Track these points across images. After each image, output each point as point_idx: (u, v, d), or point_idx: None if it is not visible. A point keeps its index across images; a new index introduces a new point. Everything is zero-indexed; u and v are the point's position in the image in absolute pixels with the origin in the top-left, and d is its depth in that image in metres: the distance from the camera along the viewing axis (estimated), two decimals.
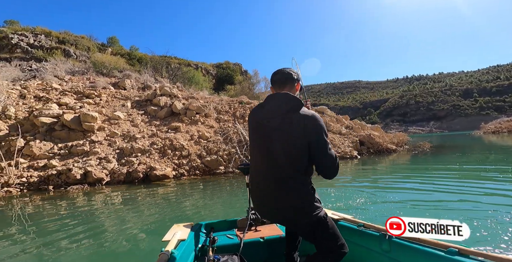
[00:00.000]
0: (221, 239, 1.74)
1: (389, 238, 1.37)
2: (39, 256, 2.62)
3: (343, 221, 1.76)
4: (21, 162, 6.53)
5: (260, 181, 1.21)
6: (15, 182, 5.81)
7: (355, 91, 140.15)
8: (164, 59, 17.62)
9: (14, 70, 12.71)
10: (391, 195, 4.35)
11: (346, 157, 11.47)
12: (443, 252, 1.15)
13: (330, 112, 16.95)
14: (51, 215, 4.09)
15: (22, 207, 4.79)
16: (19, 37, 16.09)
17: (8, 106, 8.75)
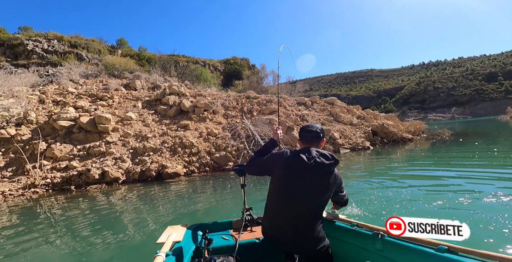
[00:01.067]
0: (217, 240, 1.74)
1: (382, 237, 1.42)
2: (65, 249, 2.96)
3: (337, 221, 1.79)
4: (44, 164, 7.04)
5: (282, 214, 1.42)
6: (40, 183, 6.32)
7: (368, 80, 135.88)
8: (172, 58, 17.91)
9: (33, 76, 13.44)
10: (400, 189, 4.31)
11: (358, 148, 11.32)
12: (434, 250, 1.19)
13: (340, 103, 16.67)
14: (75, 213, 4.45)
15: (49, 206, 5.22)
16: (34, 43, 16.86)
17: (29, 111, 9.35)
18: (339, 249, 1.64)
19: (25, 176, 6.59)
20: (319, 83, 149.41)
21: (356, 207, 3.50)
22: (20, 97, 10.50)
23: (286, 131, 10.85)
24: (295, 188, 1.41)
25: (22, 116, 9.09)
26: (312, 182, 1.41)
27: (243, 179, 2.07)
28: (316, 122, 13.02)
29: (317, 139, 1.57)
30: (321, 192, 1.43)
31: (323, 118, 13.64)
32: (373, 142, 12.57)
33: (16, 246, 3.11)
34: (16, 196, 5.87)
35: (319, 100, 16.02)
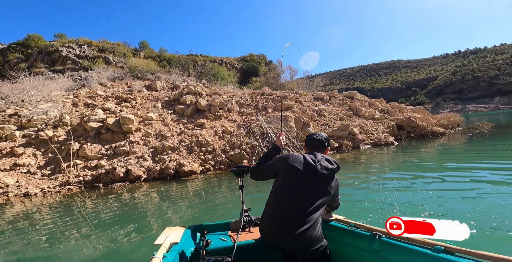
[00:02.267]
0: (215, 242, 1.74)
1: (379, 238, 1.43)
2: (93, 241, 3.34)
3: (334, 221, 1.80)
4: (77, 163, 7.78)
5: (284, 214, 1.46)
6: (74, 181, 7.02)
7: (395, 71, 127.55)
8: (190, 58, 18.42)
9: (67, 81, 14.70)
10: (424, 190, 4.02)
11: (380, 144, 10.84)
12: (431, 250, 1.20)
13: (361, 96, 15.98)
14: (104, 210, 4.91)
15: (82, 202, 5.80)
16: (67, 49, 18.33)
17: (64, 114, 10.29)
18: (336, 249, 1.65)
19: (61, 174, 7.35)
20: (340, 76, 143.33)
21: (374, 210, 3.36)
22: (57, 101, 11.58)
23: (301, 127, 10.73)
24: (298, 190, 1.46)
25: (58, 119, 10.04)
26: (315, 185, 1.47)
27: (241, 180, 2.11)
28: (334, 117, 12.67)
29: (322, 147, 1.67)
30: (322, 195, 1.48)
31: (341, 113, 13.22)
32: (398, 136, 11.92)
33: (55, 236, 3.59)
34: (54, 193, 6.61)
35: (338, 95, 15.49)
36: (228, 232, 1.95)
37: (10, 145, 8.49)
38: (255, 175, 1.73)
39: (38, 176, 7.34)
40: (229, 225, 2.02)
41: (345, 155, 9.44)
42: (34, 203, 5.92)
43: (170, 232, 1.73)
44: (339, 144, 10.54)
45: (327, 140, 1.72)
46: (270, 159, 1.72)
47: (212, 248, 1.63)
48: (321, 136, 1.71)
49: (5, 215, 5.04)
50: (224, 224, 2.04)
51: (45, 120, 10.02)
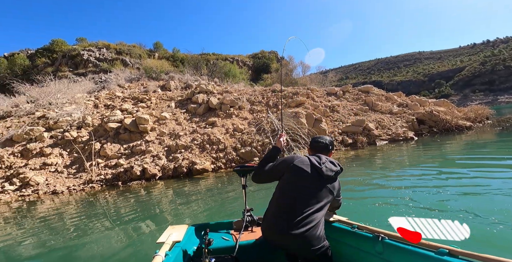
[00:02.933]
0: (217, 241, 1.74)
1: (382, 240, 1.42)
2: (116, 235, 3.61)
3: (337, 222, 1.79)
4: (99, 162, 8.25)
5: (288, 213, 1.47)
6: (96, 179, 7.47)
7: (416, 63, 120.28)
8: (203, 57, 18.62)
9: (89, 83, 15.46)
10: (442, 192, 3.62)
11: (398, 139, 10.44)
12: (434, 253, 1.18)
13: (377, 90, 15.38)
14: (124, 206, 5.22)
15: (104, 199, 6.18)
16: (88, 53, 19.19)
17: (86, 115, 10.87)
18: (339, 250, 1.64)
19: (85, 173, 7.84)
20: (355, 70, 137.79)
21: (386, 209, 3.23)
22: (80, 103, 12.24)
23: (313, 123, 10.57)
24: (303, 190, 1.49)
25: (81, 120, 10.64)
26: (320, 186, 1.50)
27: (244, 179, 2.10)
28: (348, 112, 12.34)
29: (326, 150, 1.74)
30: (325, 196, 1.52)
31: (356, 108, 12.84)
32: (419, 131, 11.41)
33: (80, 230, 3.90)
34: (78, 191, 7.08)
35: (352, 89, 15.02)
36: (230, 231, 1.96)
37: (39, 146, 9.15)
38: (257, 177, 1.72)
39: (65, 174, 7.88)
40: (232, 224, 2.03)
41: (360, 151, 9.19)
42: (61, 200, 6.39)
43: (172, 230, 1.75)
44: (353, 140, 10.28)
45: (331, 143, 1.78)
46: (272, 160, 1.72)
47: (214, 247, 1.63)
48: (326, 139, 1.78)
49: (38, 211, 5.50)
50: (226, 223, 2.05)
51: (70, 121, 10.66)
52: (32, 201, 6.46)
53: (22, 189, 7.09)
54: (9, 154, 8.69)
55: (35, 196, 6.86)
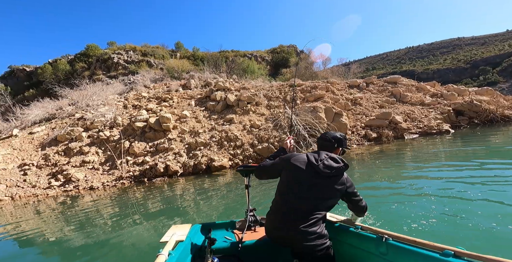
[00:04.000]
0: (220, 241, 1.72)
1: (386, 240, 1.38)
2: (146, 227, 3.82)
3: (340, 223, 1.74)
4: (128, 160, 8.76)
5: (287, 212, 1.45)
6: (125, 176, 7.98)
7: (455, 50, 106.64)
8: (221, 55, 18.59)
9: (120, 85, 16.32)
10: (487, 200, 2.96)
11: (431, 133, 9.60)
12: (439, 254, 1.15)
13: (407, 80, 14.22)
14: (152, 200, 5.51)
15: (132, 195, 6.57)
16: (117, 56, 20.16)
17: (117, 116, 11.54)
18: (342, 251, 1.61)
19: (116, 170, 8.40)
20: (383, 60, 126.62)
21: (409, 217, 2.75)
22: (111, 104, 13.01)
23: (333, 118, 10.12)
24: (300, 189, 1.45)
25: (113, 121, 11.33)
26: (319, 184, 1.43)
27: (248, 179, 2.10)
28: (372, 105, 11.60)
29: (330, 147, 1.61)
30: (327, 194, 1.45)
31: (381, 100, 12.02)
32: (456, 123, 10.39)
33: (113, 222, 4.18)
34: (111, 186, 7.62)
35: (377, 81, 14.05)
36: (234, 231, 1.93)
37: (79, 145, 9.96)
38: (259, 174, 1.75)
39: (100, 171, 8.52)
40: (234, 224, 2.01)
41: (385, 146, 8.60)
42: (97, 195, 6.94)
43: (176, 229, 1.73)
44: (378, 134, 9.68)
45: (337, 139, 1.62)
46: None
47: (217, 247, 1.62)
48: (331, 135, 1.65)
49: (79, 204, 6.02)
50: (229, 223, 2.03)
51: (103, 122, 11.41)
52: (74, 196, 7.11)
53: (65, 185, 7.82)
54: (54, 153, 9.60)
55: (76, 191, 7.53)
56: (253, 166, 2.00)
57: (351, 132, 10.01)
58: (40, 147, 10.15)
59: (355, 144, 9.38)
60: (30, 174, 8.35)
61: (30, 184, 7.78)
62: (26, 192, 7.43)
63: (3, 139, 11.09)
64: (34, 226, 4.50)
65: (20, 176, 8.21)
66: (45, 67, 24.64)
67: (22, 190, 7.51)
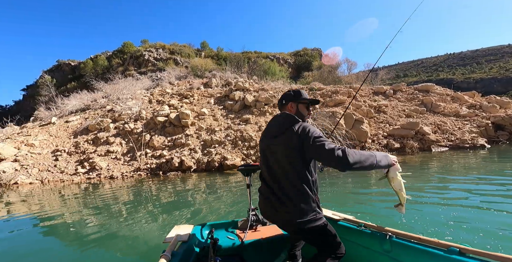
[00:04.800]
0: (222, 240, 1.69)
1: (389, 238, 1.35)
2: (158, 217, 3.80)
3: (343, 221, 1.70)
4: (147, 152, 8.98)
5: (263, 189, 1.40)
6: (143, 168, 8.17)
7: (504, 58, 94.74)
8: (244, 55, 18.50)
9: (147, 81, 16.96)
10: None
11: (463, 147, 8.68)
12: (444, 252, 1.12)
13: (441, 89, 13.04)
14: (165, 193, 5.54)
15: (148, 186, 6.67)
16: (148, 53, 20.98)
17: (142, 110, 11.94)
18: (346, 249, 1.51)
19: (136, 161, 8.65)
20: (417, 67, 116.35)
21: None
22: (138, 98, 13.52)
23: (353, 124, 9.51)
24: (263, 159, 1.39)
25: (138, 114, 11.74)
26: (271, 145, 1.34)
27: (249, 179, 2.05)
28: (398, 114, 10.79)
29: (280, 107, 1.48)
30: (286, 157, 1.27)
31: (409, 109, 11.12)
32: (494, 138, 9.31)
33: (127, 210, 4.20)
34: (129, 177, 7.84)
35: (406, 88, 13.04)
36: (236, 231, 1.89)
37: (106, 135, 10.45)
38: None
39: (121, 161, 8.83)
40: (237, 224, 1.97)
41: (409, 157, 7.87)
42: (116, 184, 7.15)
43: (178, 230, 1.70)
44: (401, 144, 8.93)
45: (284, 95, 1.46)
46: None
47: (219, 247, 1.59)
48: (284, 93, 1.49)
49: (100, 192, 6.22)
50: (231, 222, 2.00)
51: (129, 115, 11.88)
52: (95, 183, 7.42)
53: (90, 172, 8.21)
54: (84, 141, 10.16)
55: (98, 179, 7.86)
56: (254, 165, 1.97)
57: (371, 140, 9.34)
58: (72, 135, 10.83)
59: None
60: (60, 159, 8.91)
61: (59, 169, 8.28)
62: (55, 177, 7.92)
63: (42, 125, 12.03)
64: (57, 209, 4.70)
65: (52, 161, 8.79)
66: (87, 62, 26.48)
67: (51, 174, 8.02)
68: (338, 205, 3.76)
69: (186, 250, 1.45)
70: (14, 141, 9.90)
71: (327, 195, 4.38)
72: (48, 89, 22.36)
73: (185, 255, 1.40)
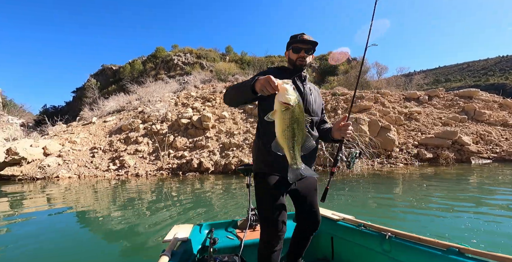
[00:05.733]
0: (222, 240, 1.68)
1: (389, 238, 1.34)
2: (177, 215, 3.93)
3: (343, 221, 1.68)
4: (170, 153, 9.35)
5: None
6: (165, 167, 8.52)
7: None
8: (268, 59, 18.37)
9: (175, 84, 17.75)
10: None
11: (509, 159, 7.72)
12: (443, 252, 1.11)
13: (486, 95, 11.71)
14: (184, 192, 5.72)
15: (169, 185, 6.93)
16: (177, 58, 21.96)
17: (168, 112, 12.50)
18: (345, 249, 1.57)
19: (159, 161, 9.06)
20: (462, 71, 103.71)
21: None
22: (165, 101, 14.20)
23: (378, 132, 8.86)
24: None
25: (164, 116, 12.33)
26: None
27: (249, 178, 2.05)
28: (432, 121, 9.87)
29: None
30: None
31: (447, 116, 10.11)
32: None
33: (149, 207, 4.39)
34: (152, 176, 8.23)
35: (444, 94, 11.90)
36: (235, 231, 1.87)
37: (136, 135, 11.14)
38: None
39: (147, 160, 9.32)
40: (236, 223, 1.95)
41: (443, 169, 7.12)
42: (141, 182, 7.56)
43: (178, 229, 1.69)
44: (435, 154, 8.14)
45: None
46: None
47: (219, 246, 1.59)
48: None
49: (127, 188, 6.63)
50: (231, 222, 1.98)
51: (157, 116, 12.53)
52: (123, 180, 7.92)
53: (119, 169, 8.80)
54: (117, 140, 10.94)
55: (125, 176, 8.39)
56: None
57: (399, 149, 8.63)
58: (108, 134, 11.73)
59: (402, 163, 8.05)
60: (96, 156, 9.69)
61: (95, 165, 9.01)
62: (90, 172, 8.63)
63: (84, 124, 13.24)
64: (89, 200, 5.13)
65: (89, 158, 9.61)
66: (125, 67, 28.60)
67: (87, 170, 8.76)
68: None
69: (185, 249, 1.44)
70: (60, 138, 11.04)
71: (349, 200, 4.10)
72: (92, 91, 24.63)
73: (184, 255, 1.39)
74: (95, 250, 2.68)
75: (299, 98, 0.97)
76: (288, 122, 0.94)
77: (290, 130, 0.95)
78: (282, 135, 0.96)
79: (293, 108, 0.93)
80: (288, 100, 0.92)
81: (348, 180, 6.14)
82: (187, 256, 1.42)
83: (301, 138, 0.97)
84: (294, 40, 1.32)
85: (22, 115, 28.61)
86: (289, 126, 0.94)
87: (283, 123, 0.95)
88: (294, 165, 0.98)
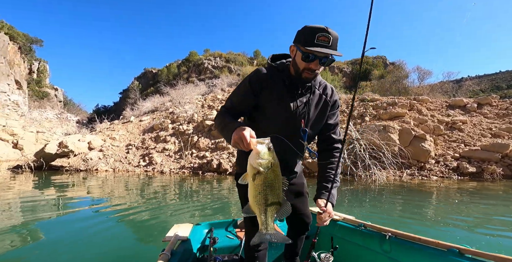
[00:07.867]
0: (222, 240, 1.65)
1: (389, 238, 1.33)
2: (198, 212, 4.02)
3: (343, 221, 1.65)
4: (193, 152, 9.67)
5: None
6: (187, 166, 8.83)
7: None
8: None
9: (203, 87, 18.44)
10: None
11: None
12: (444, 252, 1.10)
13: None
14: (203, 191, 5.88)
15: (189, 184, 7.15)
16: (207, 62, 22.80)
17: (195, 113, 12.99)
18: (345, 249, 1.53)
19: (182, 160, 9.44)
20: (497, 77, 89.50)
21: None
22: (193, 103, 14.81)
23: (410, 141, 7.99)
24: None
25: (191, 117, 12.85)
26: None
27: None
28: (480, 132, 8.62)
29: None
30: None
31: (499, 127, 8.76)
32: None
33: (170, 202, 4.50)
34: (175, 173, 8.60)
35: (498, 102, 10.35)
36: (235, 230, 1.84)
37: (165, 134, 11.80)
38: None
39: (172, 159, 9.79)
40: (236, 223, 1.91)
41: (487, 185, 6.18)
42: (165, 178, 7.96)
43: (178, 229, 1.66)
44: (478, 168, 7.10)
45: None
46: None
47: (219, 246, 1.58)
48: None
49: (153, 184, 7.01)
50: (231, 222, 1.94)
51: (185, 117, 13.13)
52: (150, 176, 8.42)
53: (148, 166, 9.39)
54: (149, 138, 11.72)
55: (152, 172, 8.91)
56: None
57: (435, 161, 7.67)
58: (142, 132, 12.64)
59: (436, 176, 7.13)
60: (130, 152, 10.50)
61: (128, 161, 9.76)
62: (124, 167, 9.37)
63: (124, 123, 14.49)
64: (121, 192, 5.55)
65: (124, 154, 10.45)
66: (163, 70, 30.71)
67: (122, 165, 9.53)
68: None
69: (185, 249, 1.42)
70: (103, 134, 12.23)
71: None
72: (134, 93, 26.95)
73: (184, 254, 1.37)
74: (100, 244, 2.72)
75: (275, 160, 0.82)
76: (260, 188, 0.83)
77: (262, 196, 0.84)
78: (254, 200, 0.86)
79: (266, 174, 0.81)
80: (258, 166, 0.80)
81: (370, 189, 5.61)
82: (187, 255, 1.40)
83: (275, 204, 0.86)
84: (309, 40, 0.93)
85: (78, 113, 32.70)
86: (261, 192, 0.83)
87: (255, 190, 0.84)
88: (264, 229, 0.89)
